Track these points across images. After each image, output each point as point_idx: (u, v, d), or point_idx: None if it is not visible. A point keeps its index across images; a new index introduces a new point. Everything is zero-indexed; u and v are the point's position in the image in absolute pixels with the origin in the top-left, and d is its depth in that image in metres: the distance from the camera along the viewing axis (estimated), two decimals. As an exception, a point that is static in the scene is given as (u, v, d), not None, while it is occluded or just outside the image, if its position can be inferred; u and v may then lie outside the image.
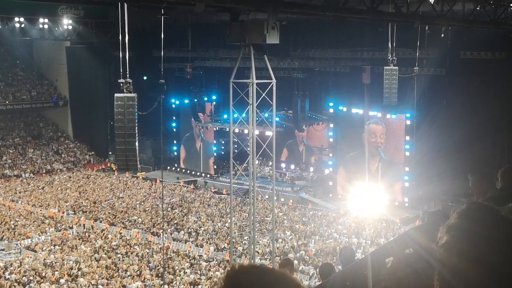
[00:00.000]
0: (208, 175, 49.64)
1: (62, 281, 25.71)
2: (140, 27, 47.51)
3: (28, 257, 29.41)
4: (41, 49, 57.95)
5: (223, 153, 49.75)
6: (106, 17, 45.84)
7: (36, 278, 26.03)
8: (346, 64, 43.69)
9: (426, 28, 32.56)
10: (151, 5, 20.37)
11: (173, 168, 52.12)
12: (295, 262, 26.08)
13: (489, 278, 1.48)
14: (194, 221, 36.13)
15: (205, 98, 50.42)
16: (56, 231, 33.88)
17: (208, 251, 30.36)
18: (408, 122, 39.41)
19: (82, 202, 40.24)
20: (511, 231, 1.54)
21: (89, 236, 32.97)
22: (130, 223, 35.47)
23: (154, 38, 39.10)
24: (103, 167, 53.44)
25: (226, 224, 33.96)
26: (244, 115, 22.19)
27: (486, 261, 1.49)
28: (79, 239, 32.44)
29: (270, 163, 30.30)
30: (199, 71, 51.08)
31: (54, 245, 31.21)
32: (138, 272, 26.97)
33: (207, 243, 31.77)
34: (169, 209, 38.62)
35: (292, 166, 47.85)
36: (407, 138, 39.68)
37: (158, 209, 37.52)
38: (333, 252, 29.27)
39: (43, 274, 26.46)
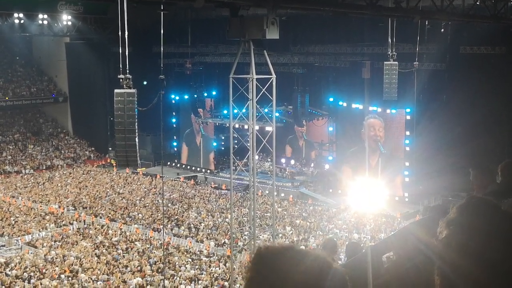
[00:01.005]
0: (208, 171, 49.68)
1: (62, 276, 25.74)
2: (140, 22, 47.36)
3: (28, 253, 29.46)
4: (40, 45, 57.91)
5: (223, 148, 49.77)
6: (105, 13, 45.80)
7: (37, 274, 26.07)
8: (346, 59, 43.63)
9: (426, 23, 32.50)
10: (151, 1, 20.36)
11: (173, 164, 52.16)
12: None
13: (488, 272, 1.48)
14: (195, 216, 36.17)
15: (205, 94, 50.40)
16: (57, 227, 33.92)
17: (208, 247, 30.39)
18: (408, 117, 39.43)
19: (82, 198, 40.28)
20: (510, 225, 1.54)
21: (89, 232, 33.01)
22: (130, 219, 35.50)
23: (153, 33, 39.00)
24: (103, 163, 53.47)
25: (227, 220, 34.00)
26: (244, 110, 22.17)
27: (485, 255, 1.49)
28: (79, 235, 32.49)
29: (270, 159, 30.29)
30: (198, 66, 51.04)
31: (55, 241, 31.25)
32: (139, 267, 27.00)
33: (207, 238, 31.80)
34: (169, 204, 38.66)
35: (292, 162, 47.86)
36: (407, 133, 39.71)
37: (158, 204, 37.54)
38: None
39: (44, 270, 26.50)
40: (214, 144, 51.05)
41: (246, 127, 33.35)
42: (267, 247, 1.49)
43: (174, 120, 52.82)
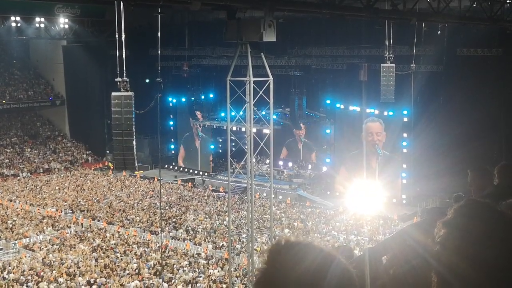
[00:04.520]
0: (206, 173, 49.65)
1: (60, 280, 25.69)
2: (137, 25, 47.42)
3: (25, 256, 29.39)
4: (37, 48, 57.83)
5: (220, 151, 49.79)
6: (102, 16, 45.76)
7: (34, 277, 26.01)
8: (343, 62, 43.70)
9: (423, 25, 32.57)
10: (148, 4, 20.36)
11: (171, 167, 52.11)
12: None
13: (485, 274, 1.48)
14: (192, 219, 36.14)
15: (202, 96, 50.41)
16: (54, 230, 33.85)
17: (206, 249, 30.37)
18: (406, 119, 39.44)
19: (80, 201, 40.20)
20: (507, 227, 1.54)
21: (87, 235, 32.95)
22: (128, 222, 35.45)
23: (150, 36, 39.11)
24: (101, 166, 53.39)
25: (224, 222, 33.97)
26: (241, 113, 22.18)
27: (482, 257, 1.49)
28: (77, 238, 32.42)
29: (268, 161, 30.22)
30: (196, 69, 51.09)
31: (52, 244, 31.19)
32: (137, 270, 26.96)
33: (205, 241, 31.78)
34: (167, 207, 38.62)
35: (290, 164, 47.86)
36: (405, 135, 39.71)
37: (156, 207, 37.51)
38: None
39: (42, 274, 26.44)
40: (212, 146, 51.05)
41: (243, 129, 33.33)
42: (284, 240, 1.48)
43: (171, 123, 52.80)
